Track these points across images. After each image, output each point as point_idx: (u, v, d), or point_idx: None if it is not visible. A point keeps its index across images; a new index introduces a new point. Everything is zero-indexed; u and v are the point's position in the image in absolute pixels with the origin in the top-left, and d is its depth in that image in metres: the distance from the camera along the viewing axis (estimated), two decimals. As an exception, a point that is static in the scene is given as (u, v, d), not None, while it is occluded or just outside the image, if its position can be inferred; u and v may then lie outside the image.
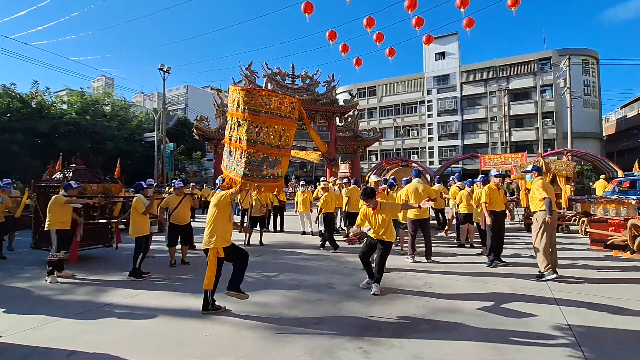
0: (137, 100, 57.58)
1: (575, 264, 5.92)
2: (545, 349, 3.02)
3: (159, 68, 23.63)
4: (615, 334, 3.28)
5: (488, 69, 38.47)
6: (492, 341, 3.15)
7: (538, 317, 3.68)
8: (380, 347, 3.07)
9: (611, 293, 4.39)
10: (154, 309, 4.06)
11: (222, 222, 3.88)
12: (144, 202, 5.60)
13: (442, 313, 3.82)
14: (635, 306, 3.94)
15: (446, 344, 3.13)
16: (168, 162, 25.02)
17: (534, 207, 5.24)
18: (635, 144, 38.74)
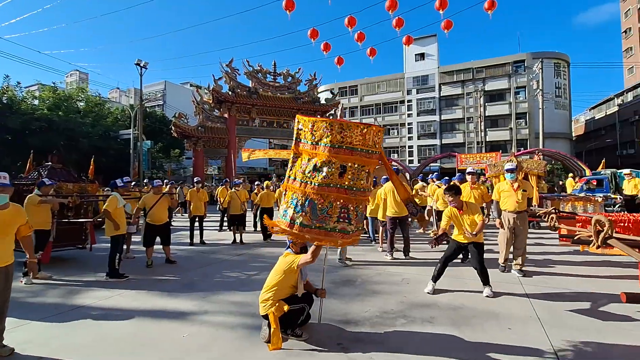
0: (112, 96, 55.58)
1: (545, 259, 6.21)
2: (515, 339, 3.15)
3: (136, 63, 22.86)
4: (580, 323, 3.46)
5: (465, 70, 39.49)
6: (466, 334, 3.26)
7: (509, 309, 3.84)
8: (359, 342, 3.12)
9: (578, 286, 4.64)
10: (129, 310, 3.96)
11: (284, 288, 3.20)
12: (118, 200, 5.44)
13: (419, 308, 3.93)
14: (600, 297, 4.17)
15: (421, 336, 3.22)
16: (145, 160, 24.35)
17: None
18: (602, 144, 40.84)
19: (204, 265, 6.20)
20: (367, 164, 3.10)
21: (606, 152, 37.92)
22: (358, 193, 3.03)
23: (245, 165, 37.55)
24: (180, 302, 4.22)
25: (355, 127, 3.03)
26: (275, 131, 27.71)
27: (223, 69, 25.09)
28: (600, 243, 2.22)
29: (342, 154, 2.97)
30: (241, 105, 25.57)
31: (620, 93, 40.59)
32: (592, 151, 41.21)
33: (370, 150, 3.06)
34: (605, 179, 13.44)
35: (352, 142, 2.99)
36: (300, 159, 3.14)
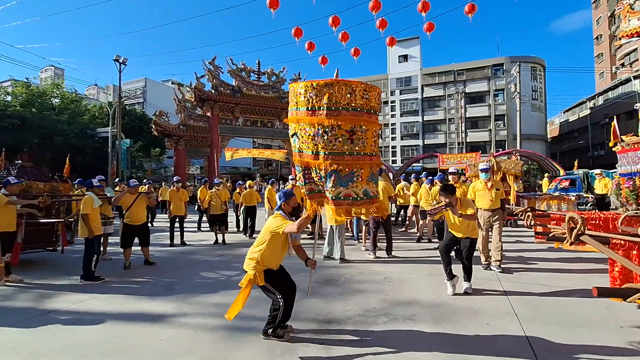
0: (90, 93, 53.68)
1: (521, 256, 6.40)
2: (493, 334, 3.22)
3: (115, 59, 22.19)
4: (555, 317, 3.57)
5: (447, 72, 40.37)
6: (446, 330, 3.31)
7: (488, 305, 3.93)
8: (341, 341, 3.12)
9: (553, 281, 4.79)
10: (104, 314, 3.81)
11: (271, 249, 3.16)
12: (94, 200, 5.25)
13: (401, 306, 3.96)
14: (573, 292, 4.34)
15: (403, 334, 3.25)
16: (124, 159, 23.63)
17: None
18: (575, 145, 42.52)
19: (184, 266, 6.06)
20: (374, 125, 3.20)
21: (579, 153, 39.51)
22: (365, 157, 3.12)
23: (228, 164, 37.07)
24: (158, 304, 4.11)
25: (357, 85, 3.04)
26: (259, 130, 27.45)
27: (206, 67, 24.66)
28: (573, 239, 2.29)
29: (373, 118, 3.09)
30: (224, 104, 25.20)
31: (592, 97, 42.38)
32: (565, 152, 42.87)
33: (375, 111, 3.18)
34: (578, 179, 14.01)
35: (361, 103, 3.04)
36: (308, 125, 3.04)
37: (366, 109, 3.10)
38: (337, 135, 2.99)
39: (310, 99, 3.01)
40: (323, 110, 2.96)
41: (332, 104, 2.96)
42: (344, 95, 2.98)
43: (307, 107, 3.03)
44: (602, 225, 6.32)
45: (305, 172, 3.17)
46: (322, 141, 3.00)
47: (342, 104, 2.98)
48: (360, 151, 3.08)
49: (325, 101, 2.96)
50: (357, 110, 3.02)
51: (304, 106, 3.06)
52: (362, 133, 3.08)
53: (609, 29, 42.28)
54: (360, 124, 3.05)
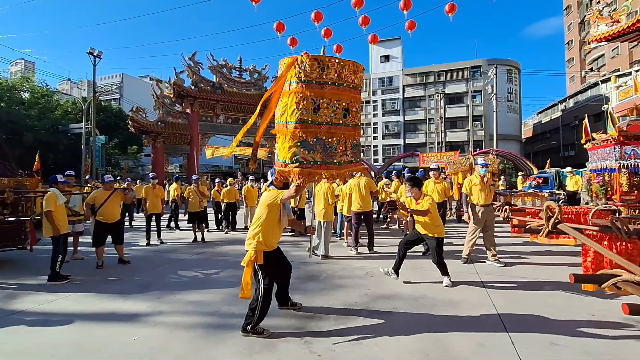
0: (63, 87, 51.34)
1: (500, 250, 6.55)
2: (472, 326, 3.26)
3: (89, 52, 21.28)
4: (531, 308, 3.66)
5: (427, 73, 41.11)
6: (425, 322, 3.33)
7: (467, 298, 3.99)
8: (321, 336, 3.07)
9: (528, 274, 4.93)
10: (74, 315, 3.61)
11: (269, 223, 3.20)
12: (58, 197, 4.96)
13: (381, 300, 3.96)
14: (547, 283, 4.47)
15: (382, 327, 3.24)
16: (98, 156, 22.72)
17: None
18: (547, 146, 44.25)
19: (160, 264, 5.86)
20: (357, 100, 3.44)
21: (551, 153, 41.14)
22: (355, 128, 3.44)
23: (209, 162, 36.36)
24: (132, 303, 3.93)
25: (347, 63, 3.27)
26: (241, 128, 27.07)
27: (185, 62, 24.07)
28: (551, 227, 2.34)
29: (348, 93, 3.27)
30: (205, 101, 24.69)
31: (563, 99, 44.19)
32: (539, 152, 44.53)
33: (359, 87, 3.46)
34: (551, 177, 14.55)
35: (347, 80, 3.27)
36: (305, 99, 3.18)
37: (352, 85, 3.34)
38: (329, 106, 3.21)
39: (303, 72, 3.17)
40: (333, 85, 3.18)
41: (323, 79, 3.16)
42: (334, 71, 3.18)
43: (298, 79, 3.17)
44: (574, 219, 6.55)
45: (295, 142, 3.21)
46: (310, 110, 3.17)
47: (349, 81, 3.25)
48: (349, 123, 3.35)
49: (316, 75, 3.16)
50: (344, 86, 3.25)
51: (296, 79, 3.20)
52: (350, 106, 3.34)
53: (579, 34, 44.24)
54: (348, 98, 3.31)
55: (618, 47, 34.88)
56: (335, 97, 3.22)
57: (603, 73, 37.02)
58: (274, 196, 3.21)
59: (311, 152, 3.16)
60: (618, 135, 6.05)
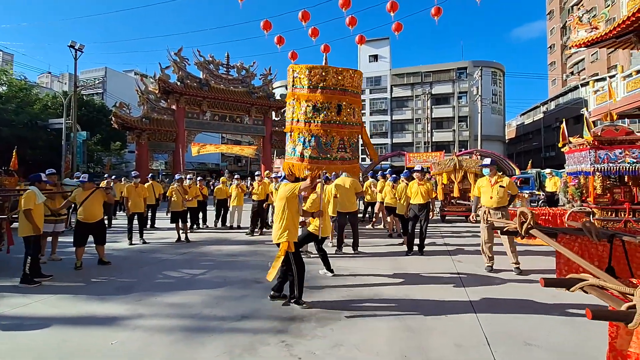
0: (43, 81, 49.58)
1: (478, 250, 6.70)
2: (452, 326, 3.34)
3: (70, 45, 20.64)
4: (508, 307, 3.77)
5: (415, 74, 41.55)
6: (407, 322, 3.39)
7: (447, 298, 4.08)
8: (303, 338, 3.09)
9: (507, 274, 5.07)
10: (50, 318, 3.53)
11: (292, 214, 3.69)
12: (37, 196, 4.81)
13: (364, 301, 4.01)
14: (523, 284, 4.61)
15: (364, 329, 3.28)
16: (79, 152, 22.12)
17: None
18: (530, 147, 45.41)
19: (142, 265, 5.76)
20: (355, 102, 3.80)
21: (533, 154, 42.24)
22: (351, 126, 3.76)
23: (195, 160, 35.87)
24: (111, 306, 3.87)
25: (346, 71, 3.71)
26: (228, 126, 26.79)
27: (171, 58, 23.64)
28: (523, 233, 2.41)
29: (338, 95, 3.65)
30: (191, 97, 24.32)
31: (545, 102, 45.40)
32: (521, 153, 45.68)
33: (356, 91, 3.81)
34: (531, 178, 14.96)
35: (344, 84, 3.68)
36: (299, 102, 3.68)
37: (350, 89, 3.74)
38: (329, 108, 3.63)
39: (311, 79, 3.62)
40: (323, 89, 3.61)
41: (327, 84, 3.61)
42: (335, 77, 3.64)
43: (307, 85, 3.62)
44: (550, 220, 6.79)
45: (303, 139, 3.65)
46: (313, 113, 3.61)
47: (334, 83, 3.66)
48: (347, 121, 3.72)
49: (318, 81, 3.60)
50: (345, 90, 3.69)
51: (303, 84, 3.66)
52: (349, 108, 3.73)
53: (561, 39, 45.47)
54: (346, 100, 3.71)
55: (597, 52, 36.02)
56: (331, 98, 3.61)
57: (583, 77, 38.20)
58: (291, 189, 3.64)
59: (307, 148, 3.57)
60: (593, 140, 6.26)
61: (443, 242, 7.63)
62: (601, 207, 6.18)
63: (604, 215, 6.00)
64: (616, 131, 6.21)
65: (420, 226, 6.42)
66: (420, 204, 6.39)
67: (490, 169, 5.50)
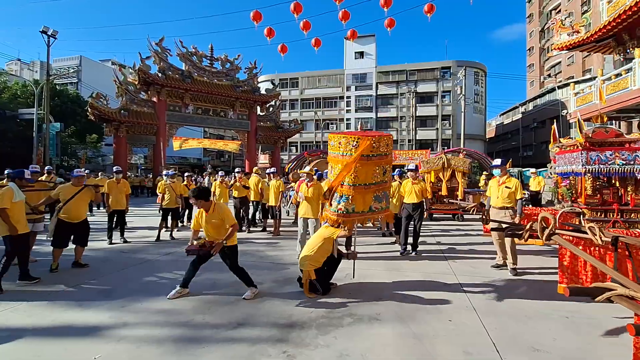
0: (11, 68, 46.78)
1: (472, 249, 6.71)
2: (457, 332, 3.23)
3: (42, 31, 19.48)
4: (510, 311, 3.70)
5: (400, 72, 41.79)
6: (410, 329, 3.26)
7: (447, 301, 3.98)
8: (305, 348, 2.90)
9: (503, 275, 5.04)
10: (21, 329, 3.18)
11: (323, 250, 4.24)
12: (15, 193, 4.35)
13: (364, 305, 3.85)
14: (521, 284, 4.58)
15: (369, 336, 3.13)
16: (52, 145, 20.97)
17: None
18: (508, 146, 46.74)
19: (124, 267, 5.40)
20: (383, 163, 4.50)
21: (511, 153, 43.49)
22: (381, 184, 4.53)
23: (176, 154, 34.87)
24: (92, 314, 3.55)
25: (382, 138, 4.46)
26: (212, 120, 26.09)
27: (152, 48, 22.73)
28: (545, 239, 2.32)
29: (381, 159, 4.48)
30: (173, 89, 23.49)
31: (523, 103, 46.74)
32: (500, 152, 46.91)
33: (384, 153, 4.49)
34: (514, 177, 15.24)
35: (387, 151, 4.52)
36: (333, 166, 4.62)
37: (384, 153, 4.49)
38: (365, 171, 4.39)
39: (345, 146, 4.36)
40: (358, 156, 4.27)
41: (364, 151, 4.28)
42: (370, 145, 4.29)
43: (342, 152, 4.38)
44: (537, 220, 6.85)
45: None
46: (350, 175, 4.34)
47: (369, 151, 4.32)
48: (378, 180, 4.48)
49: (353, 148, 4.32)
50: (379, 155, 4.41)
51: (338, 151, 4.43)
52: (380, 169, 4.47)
53: (540, 42, 46.82)
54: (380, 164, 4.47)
55: (573, 56, 37.30)
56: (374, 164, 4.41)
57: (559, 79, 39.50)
58: (331, 233, 4.32)
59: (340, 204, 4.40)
60: (584, 142, 6.33)
61: (435, 241, 7.59)
62: (591, 207, 6.27)
63: (594, 215, 6.08)
64: (606, 133, 6.30)
65: (414, 225, 6.34)
66: (414, 203, 6.31)
67: (501, 169, 5.45)
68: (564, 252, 3.80)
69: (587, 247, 3.70)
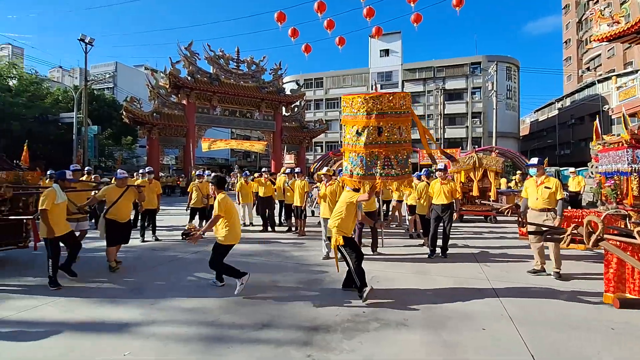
0: (54, 75, 50.04)
1: (506, 253, 6.36)
2: (490, 340, 3.04)
3: (80, 39, 20.66)
4: (550, 320, 3.44)
5: (427, 69, 40.71)
6: (441, 336, 3.10)
7: (480, 308, 3.76)
8: (330, 352, 2.82)
9: (540, 281, 4.72)
10: (59, 324, 3.32)
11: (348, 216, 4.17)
12: (57, 195, 4.49)
13: (391, 310, 3.72)
14: (562, 293, 4.25)
15: (396, 342, 3.01)
16: (91, 147, 22.18)
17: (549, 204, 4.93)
18: (544, 144, 44.39)
19: (154, 265, 5.57)
20: (397, 122, 4.24)
21: (547, 151, 41.24)
22: (395, 145, 4.25)
23: (205, 155, 35.89)
24: (123, 310, 3.66)
25: (383, 96, 4.22)
26: (238, 121, 26.62)
27: (182, 52, 23.51)
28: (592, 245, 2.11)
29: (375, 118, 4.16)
30: (201, 92, 24.18)
31: (560, 98, 44.22)
32: (535, 150, 44.63)
33: (397, 112, 4.23)
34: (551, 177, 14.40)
35: (382, 108, 4.18)
36: (347, 127, 4.39)
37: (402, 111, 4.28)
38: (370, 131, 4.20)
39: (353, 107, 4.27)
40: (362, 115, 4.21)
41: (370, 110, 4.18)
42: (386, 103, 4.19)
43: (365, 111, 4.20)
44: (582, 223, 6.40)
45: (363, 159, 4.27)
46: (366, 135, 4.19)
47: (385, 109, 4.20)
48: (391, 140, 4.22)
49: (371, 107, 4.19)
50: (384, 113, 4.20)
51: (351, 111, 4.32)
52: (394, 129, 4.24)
53: (577, 34, 44.15)
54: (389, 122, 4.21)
55: (614, 48, 34.88)
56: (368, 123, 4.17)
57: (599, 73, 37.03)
58: (351, 197, 4.24)
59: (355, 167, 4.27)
60: (630, 138, 5.85)
61: (464, 243, 7.28)
62: (638, 209, 5.78)
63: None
64: (657, 128, 5.78)
65: (443, 227, 6.10)
66: (443, 205, 6.07)
67: (537, 168, 5.12)
68: (611, 259, 3.50)
69: (636, 253, 3.39)
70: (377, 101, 4.15)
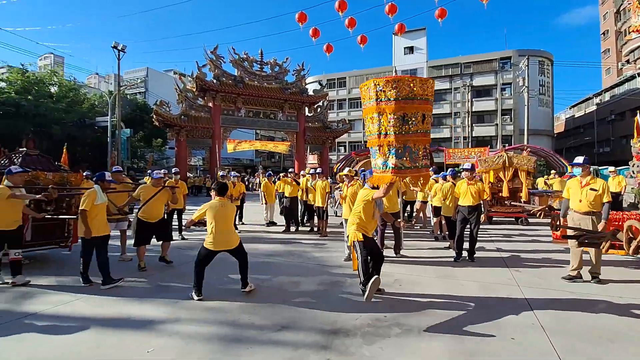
0: (91, 82, 53.11)
1: (536, 258, 6.03)
2: (520, 350, 2.87)
3: (113, 46, 21.74)
4: (586, 331, 3.20)
5: (453, 65, 39.56)
6: (466, 346, 2.96)
7: (508, 316, 3.57)
8: (350, 357, 2.77)
9: (575, 288, 4.42)
10: (88, 319, 3.47)
11: (366, 214, 4.09)
12: (98, 196, 4.63)
13: (413, 314, 3.61)
14: (598, 302, 3.95)
15: (418, 349, 2.90)
16: (124, 149, 23.27)
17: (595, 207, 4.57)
18: (581, 141, 41.95)
19: (179, 264, 5.70)
20: (429, 110, 4.23)
21: (584, 149, 38.95)
22: (428, 134, 4.22)
23: (230, 156, 36.72)
24: (149, 308, 3.77)
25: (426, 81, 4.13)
26: (262, 122, 26.99)
27: (207, 56, 24.12)
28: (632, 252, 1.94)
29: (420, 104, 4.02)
30: (226, 95, 24.72)
31: (598, 93, 41.63)
32: (570, 148, 42.27)
33: (423, 97, 4.10)
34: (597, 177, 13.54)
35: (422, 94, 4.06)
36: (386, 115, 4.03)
37: (424, 97, 4.06)
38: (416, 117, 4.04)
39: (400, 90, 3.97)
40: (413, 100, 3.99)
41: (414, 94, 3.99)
42: (405, 88, 3.96)
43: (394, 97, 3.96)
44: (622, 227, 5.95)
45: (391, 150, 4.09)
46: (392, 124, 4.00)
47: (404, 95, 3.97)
48: (417, 130, 4.04)
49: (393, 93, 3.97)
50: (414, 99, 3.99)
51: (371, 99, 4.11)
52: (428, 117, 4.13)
53: (615, 25, 41.34)
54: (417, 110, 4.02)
55: (661, 37, 32.30)
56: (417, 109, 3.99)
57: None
58: (367, 194, 4.12)
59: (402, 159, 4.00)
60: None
61: (494, 247, 6.98)
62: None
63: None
64: None
65: (470, 230, 5.86)
66: (470, 206, 5.83)
67: (582, 168, 4.71)
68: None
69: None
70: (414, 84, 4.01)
